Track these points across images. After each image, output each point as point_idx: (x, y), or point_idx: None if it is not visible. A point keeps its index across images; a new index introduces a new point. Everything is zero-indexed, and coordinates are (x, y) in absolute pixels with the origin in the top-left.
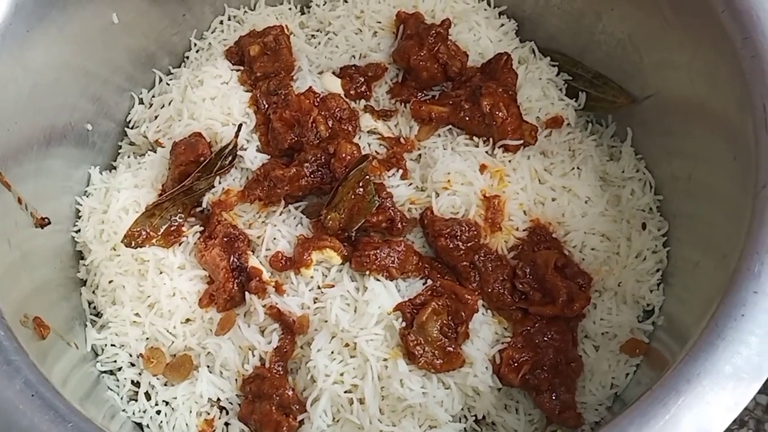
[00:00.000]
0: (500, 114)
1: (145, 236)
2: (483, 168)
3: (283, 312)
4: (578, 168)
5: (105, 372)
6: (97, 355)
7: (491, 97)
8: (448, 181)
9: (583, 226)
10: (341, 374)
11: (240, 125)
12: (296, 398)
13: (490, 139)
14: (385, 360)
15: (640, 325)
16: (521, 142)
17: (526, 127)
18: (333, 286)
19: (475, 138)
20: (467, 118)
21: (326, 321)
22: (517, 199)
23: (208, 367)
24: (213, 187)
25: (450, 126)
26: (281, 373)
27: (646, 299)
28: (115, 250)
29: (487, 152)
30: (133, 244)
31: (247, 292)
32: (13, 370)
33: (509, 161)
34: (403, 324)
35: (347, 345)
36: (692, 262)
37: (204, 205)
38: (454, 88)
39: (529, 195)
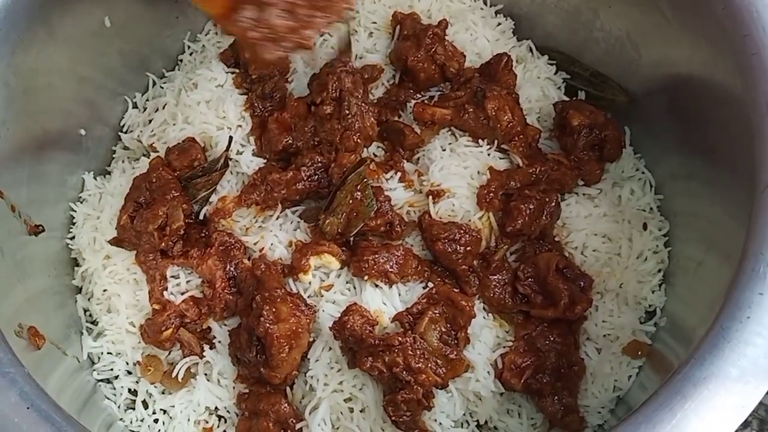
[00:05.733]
0: (506, 118)
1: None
2: (491, 170)
3: None
4: None
5: (101, 380)
6: (93, 363)
7: (496, 100)
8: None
9: (584, 227)
10: (340, 383)
11: (230, 138)
12: (293, 412)
13: (495, 141)
14: None
15: (642, 327)
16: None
17: (529, 129)
18: (332, 286)
19: (479, 140)
20: (471, 121)
21: (321, 330)
22: None
23: (205, 375)
24: (210, 203)
25: (450, 127)
26: None
27: (647, 300)
28: (108, 258)
29: (488, 153)
30: (124, 246)
31: None
32: (8, 382)
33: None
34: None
35: (344, 354)
36: (695, 262)
37: (202, 216)
38: (453, 89)
39: None
